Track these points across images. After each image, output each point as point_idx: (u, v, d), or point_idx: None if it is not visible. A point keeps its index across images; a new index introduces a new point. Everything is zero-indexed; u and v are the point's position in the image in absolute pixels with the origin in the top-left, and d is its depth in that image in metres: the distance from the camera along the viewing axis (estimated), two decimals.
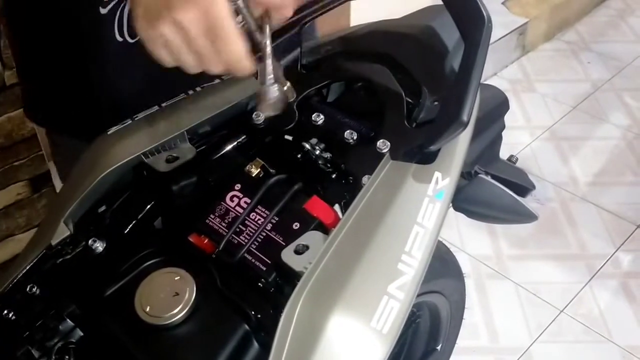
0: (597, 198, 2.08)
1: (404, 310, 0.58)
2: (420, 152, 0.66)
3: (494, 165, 0.94)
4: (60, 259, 0.68)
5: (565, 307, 1.76)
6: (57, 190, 1.43)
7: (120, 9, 0.77)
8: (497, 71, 2.62)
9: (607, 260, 1.89)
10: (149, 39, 0.58)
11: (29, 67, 0.92)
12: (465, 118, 0.63)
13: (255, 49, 0.61)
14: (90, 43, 0.81)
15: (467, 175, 0.89)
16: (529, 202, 0.95)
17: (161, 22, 0.56)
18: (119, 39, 0.79)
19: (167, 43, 0.57)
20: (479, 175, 0.85)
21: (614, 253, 1.91)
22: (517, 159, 1.00)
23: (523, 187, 0.96)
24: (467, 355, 1.64)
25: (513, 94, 2.51)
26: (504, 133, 1.00)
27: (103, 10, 0.76)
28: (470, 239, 1.93)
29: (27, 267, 0.66)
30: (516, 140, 2.28)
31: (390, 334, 0.57)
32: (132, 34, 0.80)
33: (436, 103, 0.70)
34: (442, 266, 1.09)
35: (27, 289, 0.66)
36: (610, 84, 2.59)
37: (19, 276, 0.66)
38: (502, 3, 2.70)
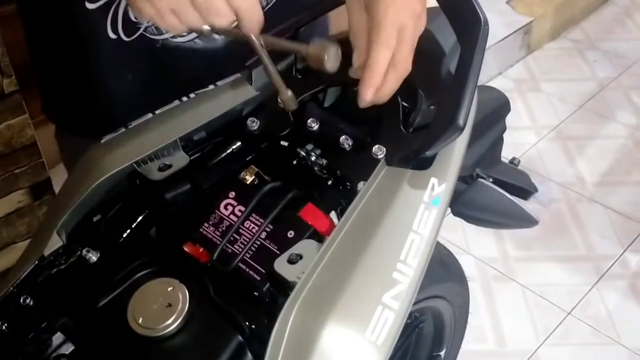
0: (604, 198, 2.06)
1: (399, 321, 0.57)
2: (416, 157, 0.65)
3: (495, 168, 0.92)
4: (54, 270, 0.67)
5: (573, 309, 1.74)
6: None
7: (114, 6, 0.77)
8: (502, 71, 2.60)
9: (615, 261, 1.87)
10: (156, 11, 0.57)
11: (39, 63, 0.92)
12: (461, 122, 0.61)
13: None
14: (82, 38, 0.81)
15: (468, 178, 0.87)
16: (531, 204, 0.94)
17: None
18: (112, 36, 0.79)
19: (174, 6, 0.56)
20: (479, 179, 0.83)
21: (622, 254, 1.89)
22: (519, 162, 0.99)
23: (525, 190, 0.94)
24: (473, 359, 1.62)
25: (518, 94, 2.49)
26: (509, 134, 0.98)
27: (90, 5, 0.76)
28: (475, 241, 1.91)
29: (20, 278, 0.66)
30: (522, 141, 2.26)
31: (385, 344, 0.56)
32: (128, 33, 0.79)
33: (432, 107, 0.69)
34: (444, 270, 1.08)
35: (21, 301, 0.66)
36: (617, 82, 2.56)
37: (12, 287, 0.66)
38: (507, 2, 2.67)
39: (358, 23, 0.64)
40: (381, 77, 0.63)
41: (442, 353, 1.19)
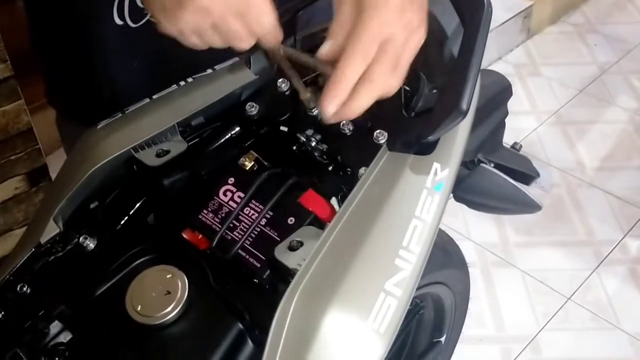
0: (604, 183, 2.05)
1: (401, 308, 0.56)
2: (418, 142, 0.64)
3: (497, 153, 0.91)
4: (51, 257, 0.66)
5: (573, 294, 1.74)
6: None
7: None
8: (502, 55, 2.58)
9: (615, 246, 1.87)
10: (179, 31, 0.57)
11: (41, 48, 0.91)
12: (464, 106, 0.60)
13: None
14: (87, 24, 0.80)
15: (470, 164, 0.86)
16: (533, 189, 0.93)
17: (185, 12, 0.54)
18: (119, 22, 0.78)
19: (197, 29, 0.56)
20: (481, 164, 0.82)
21: (622, 239, 1.89)
22: (521, 146, 0.97)
23: (527, 175, 0.93)
24: (473, 345, 1.62)
25: (518, 79, 2.47)
26: (509, 118, 0.97)
27: None
28: (475, 227, 1.91)
29: (17, 266, 0.65)
30: (522, 126, 2.25)
31: (388, 332, 0.55)
32: (135, 19, 0.78)
33: (435, 91, 0.68)
34: (445, 257, 1.07)
35: (18, 289, 0.65)
36: (617, 66, 2.55)
37: (8, 275, 0.65)
38: None
39: (344, 17, 0.56)
40: (347, 91, 0.56)
41: (443, 339, 1.18)
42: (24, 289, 0.65)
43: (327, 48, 0.57)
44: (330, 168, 0.70)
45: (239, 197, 0.67)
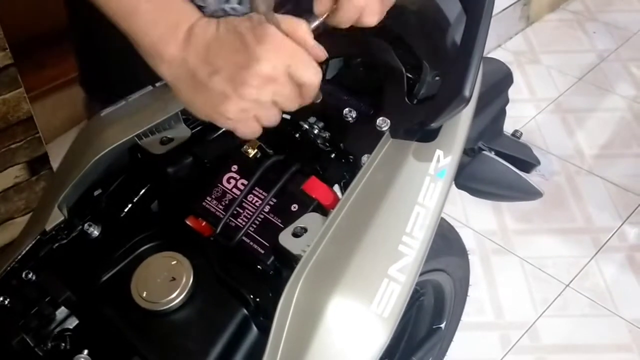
0: (603, 171, 2.06)
1: (405, 293, 0.57)
2: (421, 129, 0.64)
3: (498, 140, 0.91)
4: (56, 244, 0.67)
5: (571, 281, 1.75)
6: None
7: None
8: (501, 43, 2.58)
9: (613, 234, 1.87)
10: (238, 120, 0.55)
11: (76, 26, 0.93)
12: (467, 93, 0.60)
13: None
14: None
15: (470, 151, 0.87)
16: (533, 177, 0.93)
17: (247, 90, 0.52)
18: None
19: (255, 111, 0.55)
20: (482, 151, 0.83)
21: (620, 226, 1.89)
22: (521, 134, 0.98)
23: (527, 163, 0.94)
24: (472, 331, 1.63)
25: (517, 66, 2.47)
26: (508, 106, 0.97)
27: None
28: (474, 214, 1.91)
29: (22, 253, 0.65)
30: (521, 113, 2.25)
31: (391, 317, 0.56)
32: None
33: (437, 78, 0.68)
34: (446, 244, 1.08)
35: (23, 275, 0.65)
36: (616, 54, 2.54)
37: (13, 262, 0.65)
38: None
39: None
40: None
41: (443, 325, 1.19)
42: (29, 275, 0.65)
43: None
44: (332, 155, 0.70)
45: (242, 184, 0.67)
